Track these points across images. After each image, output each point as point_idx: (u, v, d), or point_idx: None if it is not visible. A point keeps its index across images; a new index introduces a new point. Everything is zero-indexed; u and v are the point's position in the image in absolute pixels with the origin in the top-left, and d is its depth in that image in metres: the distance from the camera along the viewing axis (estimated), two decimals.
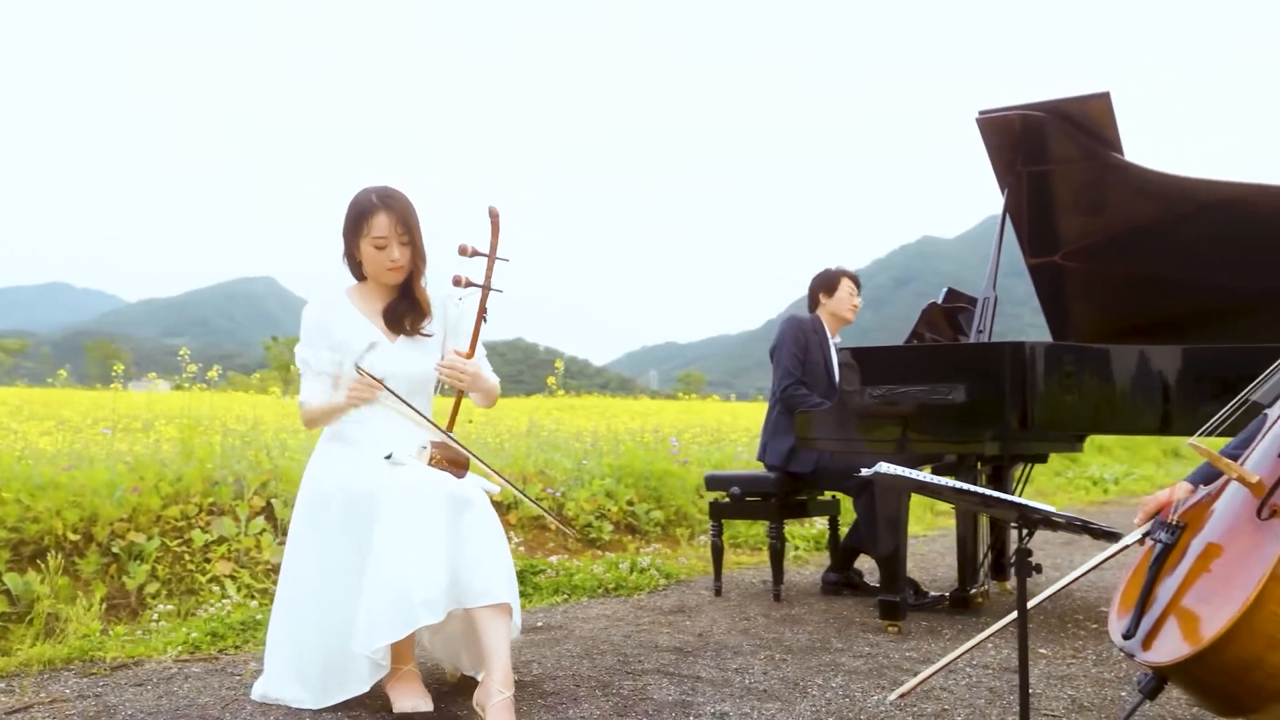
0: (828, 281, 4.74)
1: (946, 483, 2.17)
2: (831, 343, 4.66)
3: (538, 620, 3.98)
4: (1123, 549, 2.23)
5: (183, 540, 4.16)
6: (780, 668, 3.21)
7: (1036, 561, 4.17)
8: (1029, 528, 2.12)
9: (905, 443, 3.78)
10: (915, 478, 2.17)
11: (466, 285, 2.81)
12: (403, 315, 2.90)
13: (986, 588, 4.34)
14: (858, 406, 3.86)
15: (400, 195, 2.85)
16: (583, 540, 5.58)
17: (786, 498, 4.55)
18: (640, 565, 4.98)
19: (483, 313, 2.84)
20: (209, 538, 4.20)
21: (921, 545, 6.40)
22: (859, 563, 4.86)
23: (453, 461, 2.74)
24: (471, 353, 2.85)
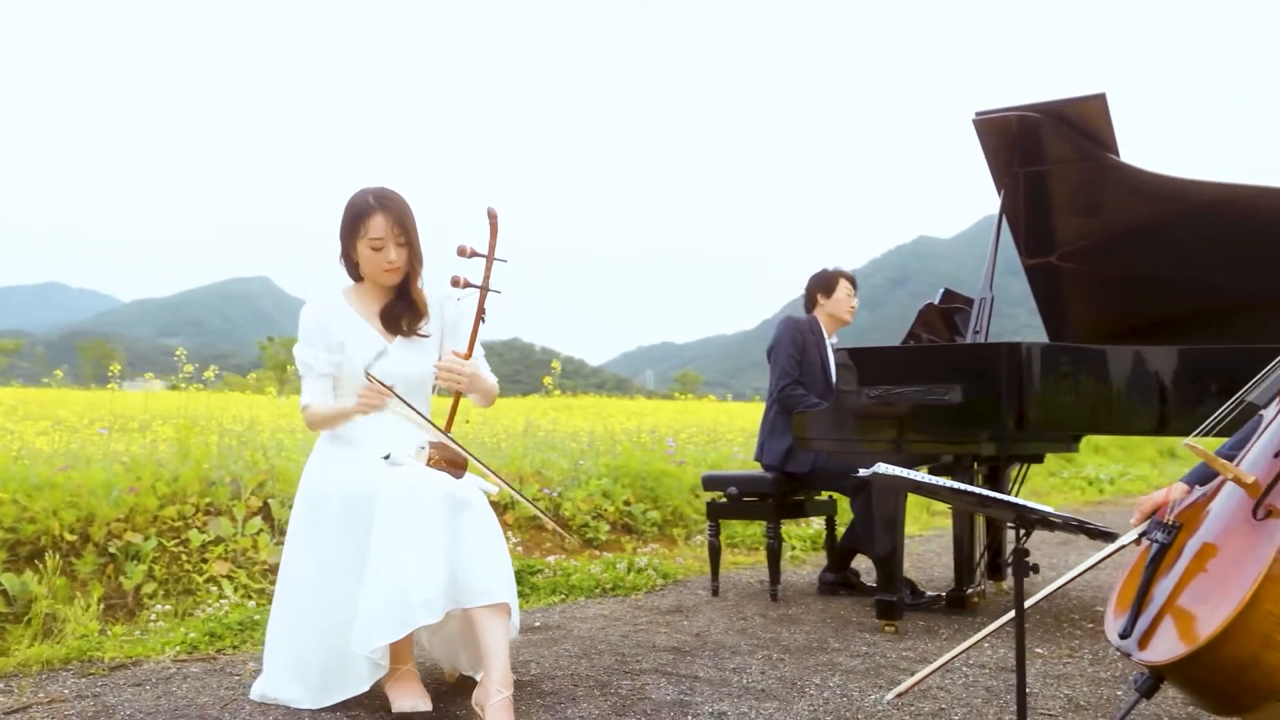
0: (825, 282, 4.75)
1: (944, 483, 2.18)
2: (828, 343, 4.66)
3: (535, 620, 3.99)
4: (1119, 549, 2.25)
5: (180, 540, 4.16)
6: (778, 667, 3.22)
7: (1033, 562, 4.19)
8: (1026, 528, 2.13)
9: (902, 443, 3.79)
10: (913, 478, 2.18)
11: (465, 286, 2.81)
12: (400, 316, 2.91)
13: (983, 588, 4.35)
14: (854, 407, 3.87)
15: (397, 196, 2.85)
16: (580, 540, 5.58)
17: (783, 498, 4.56)
18: (637, 565, 4.99)
19: (481, 313, 2.85)
20: (206, 538, 4.20)
21: (918, 545, 6.41)
22: (856, 562, 4.88)
23: (451, 462, 2.75)
24: (469, 353, 2.85)
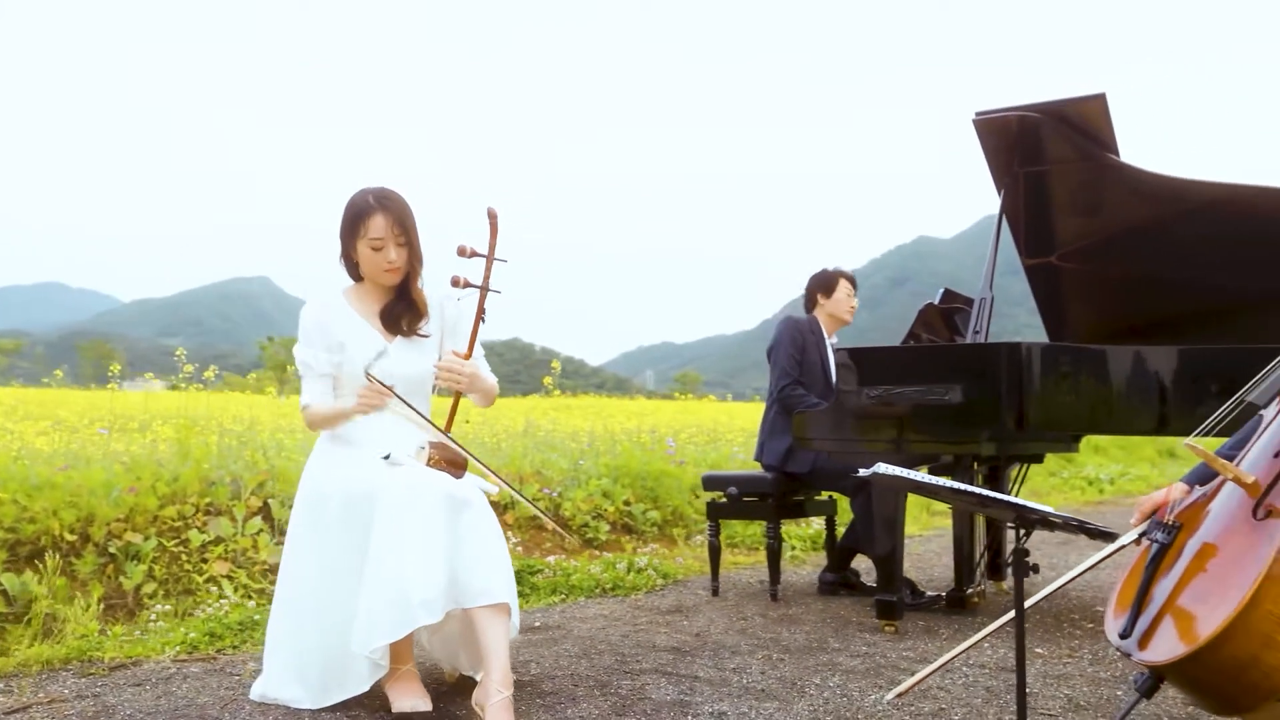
0: (826, 282, 4.75)
1: (944, 483, 2.18)
2: (828, 343, 4.67)
3: (535, 620, 3.99)
4: (1119, 549, 2.25)
5: (180, 540, 4.16)
6: (778, 667, 3.22)
7: (1034, 562, 4.19)
8: (1026, 528, 2.13)
9: (902, 443, 3.79)
10: (913, 478, 2.18)
11: (465, 286, 2.81)
12: (400, 316, 2.91)
13: (983, 588, 4.36)
14: (855, 407, 3.87)
15: (397, 196, 2.85)
16: (580, 540, 5.58)
17: (783, 498, 4.56)
18: (637, 565, 4.99)
19: (481, 313, 2.85)
20: (206, 538, 4.20)
21: (918, 545, 6.41)
22: (856, 562, 4.88)
23: (451, 462, 2.75)
24: (469, 353, 2.85)
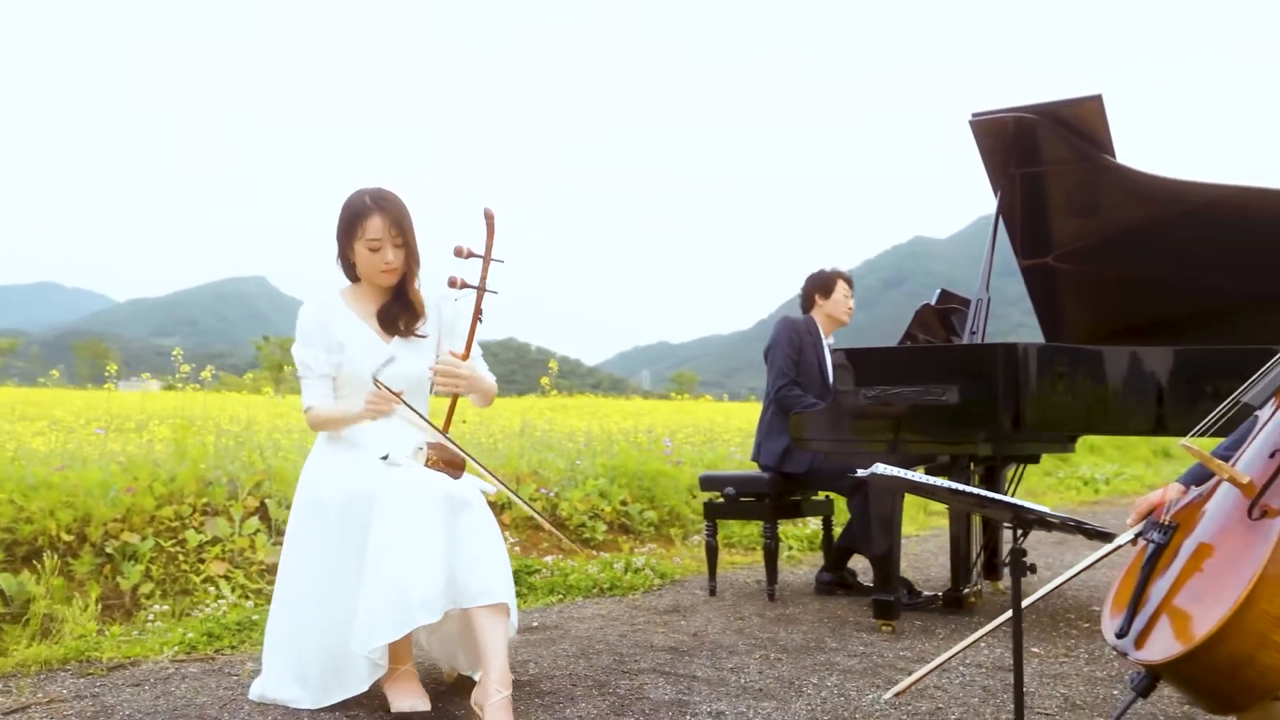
0: (824, 283, 4.76)
1: (943, 484, 2.19)
2: (825, 344, 4.68)
3: (533, 620, 3.99)
4: (1115, 549, 2.26)
5: (177, 541, 4.16)
6: (775, 667, 3.23)
7: (1031, 561, 4.19)
8: (1024, 528, 2.14)
9: (899, 443, 3.80)
10: (912, 479, 2.19)
11: (462, 286, 2.82)
12: (397, 317, 2.91)
13: (979, 587, 4.37)
14: (852, 407, 3.88)
15: (394, 197, 2.86)
16: (577, 541, 5.58)
17: (781, 498, 4.57)
18: (635, 565, 4.99)
19: (478, 314, 2.85)
20: (203, 538, 4.19)
21: (914, 545, 6.43)
22: (853, 562, 4.89)
23: (449, 463, 2.75)
24: (467, 354, 2.86)
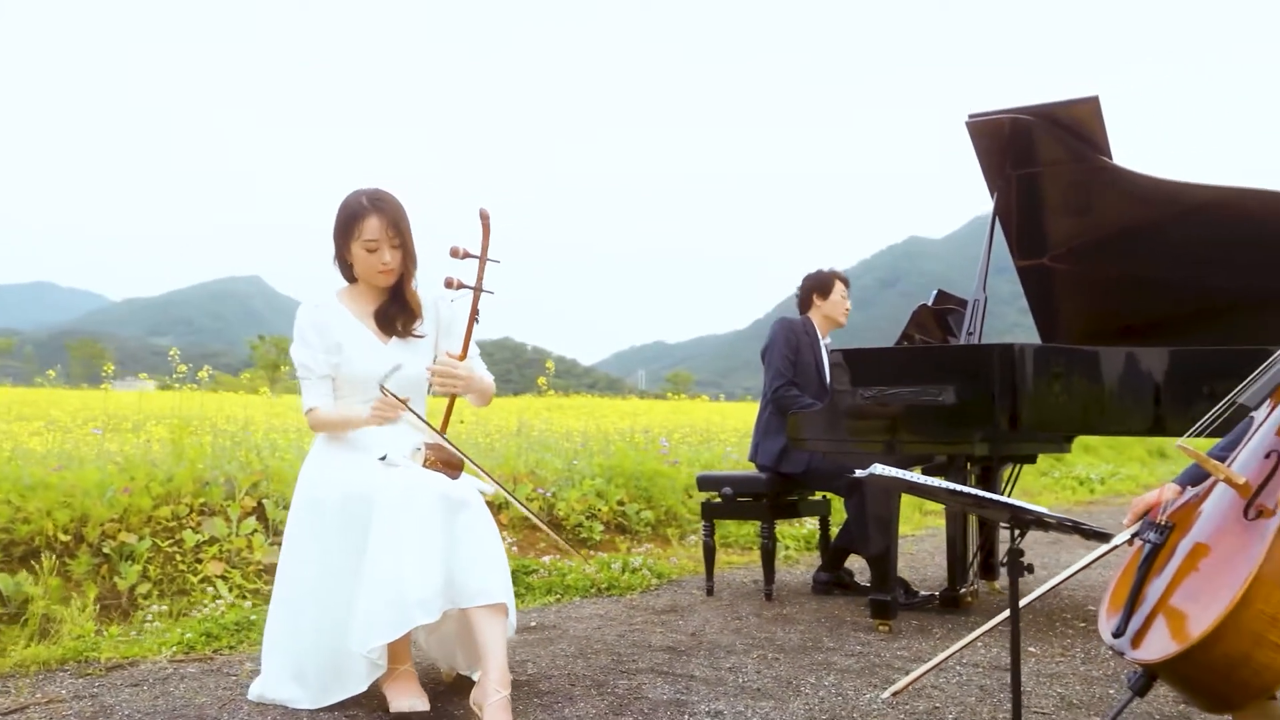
0: (822, 283, 4.77)
1: (940, 484, 2.20)
2: (823, 344, 4.69)
3: (531, 620, 4.00)
4: (1112, 549, 2.27)
5: (174, 541, 4.16)
6: (773, 666, 3.24)
7: (1028, 561, 4.21)
8: (1021, 528, 2.15)
9: (896, 444, 3.81)
10: (909, 479, 2.20)
11: (458, 287, 2.82)
12: (394, 317, 2.92)
13: (976, 587, 4.38)
14: (849, 407, 3.89)
15: (391, 198, 2.86)
16: (574, 542, 5.59)
17: (778, 498, 4.58)
18: (632, 565, 5.00)
19: (475, 314, 2.86)
20: (200, 538, 4.19)
21: (911, 545, 6.44)
22: (850, 562, 4.89)
23: (447, 463, 2.76)
24: (464, 354, 2.86)
